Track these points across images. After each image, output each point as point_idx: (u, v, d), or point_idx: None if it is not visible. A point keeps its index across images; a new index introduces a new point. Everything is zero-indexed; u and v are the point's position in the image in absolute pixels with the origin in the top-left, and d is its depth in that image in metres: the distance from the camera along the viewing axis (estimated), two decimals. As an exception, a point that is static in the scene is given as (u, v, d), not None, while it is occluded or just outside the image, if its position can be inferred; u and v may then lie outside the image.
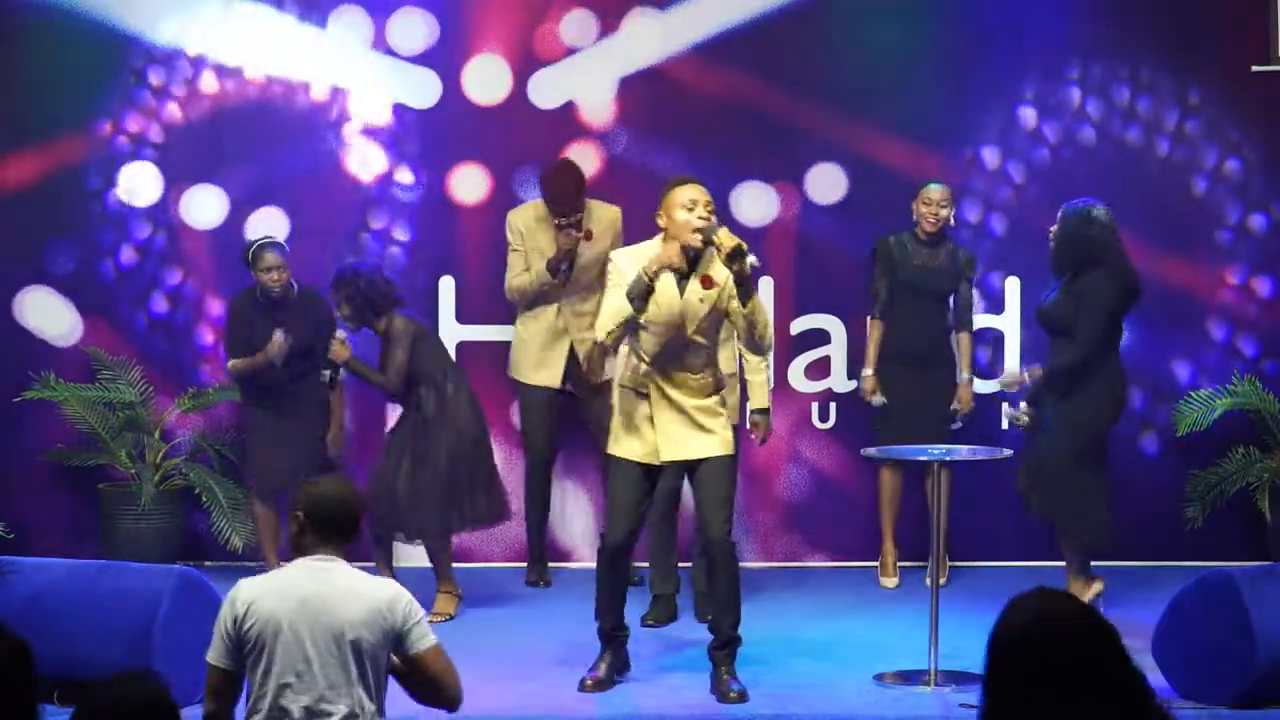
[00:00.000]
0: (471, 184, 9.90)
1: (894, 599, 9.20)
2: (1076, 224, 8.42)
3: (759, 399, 8.26)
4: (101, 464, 9.71)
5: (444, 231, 9.93)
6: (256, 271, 8.97)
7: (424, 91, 9.86)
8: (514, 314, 9.65)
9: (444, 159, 9.90)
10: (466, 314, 9.86)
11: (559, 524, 9.83)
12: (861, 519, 9.73)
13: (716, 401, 7.36)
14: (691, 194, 7.17)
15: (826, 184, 9.89)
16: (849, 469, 9.85)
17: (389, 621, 5.03)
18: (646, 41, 9.84)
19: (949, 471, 8.52)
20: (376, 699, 5.06)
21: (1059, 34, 9.86)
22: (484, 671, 7.55)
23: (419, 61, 9.85)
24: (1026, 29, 9.83)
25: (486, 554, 9.85)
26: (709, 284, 7.20)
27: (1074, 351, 8.32)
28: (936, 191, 9.30)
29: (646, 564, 8.81)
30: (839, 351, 9.85)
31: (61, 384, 9.61)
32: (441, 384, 8.70)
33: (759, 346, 7.41)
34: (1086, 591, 8.29)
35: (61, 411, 9.66)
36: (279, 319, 8.97)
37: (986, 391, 9.60)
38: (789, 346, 9.78)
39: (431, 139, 9.89)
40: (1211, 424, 9.63)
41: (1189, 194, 9.94)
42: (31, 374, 9.67)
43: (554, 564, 9.66)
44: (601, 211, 9.31)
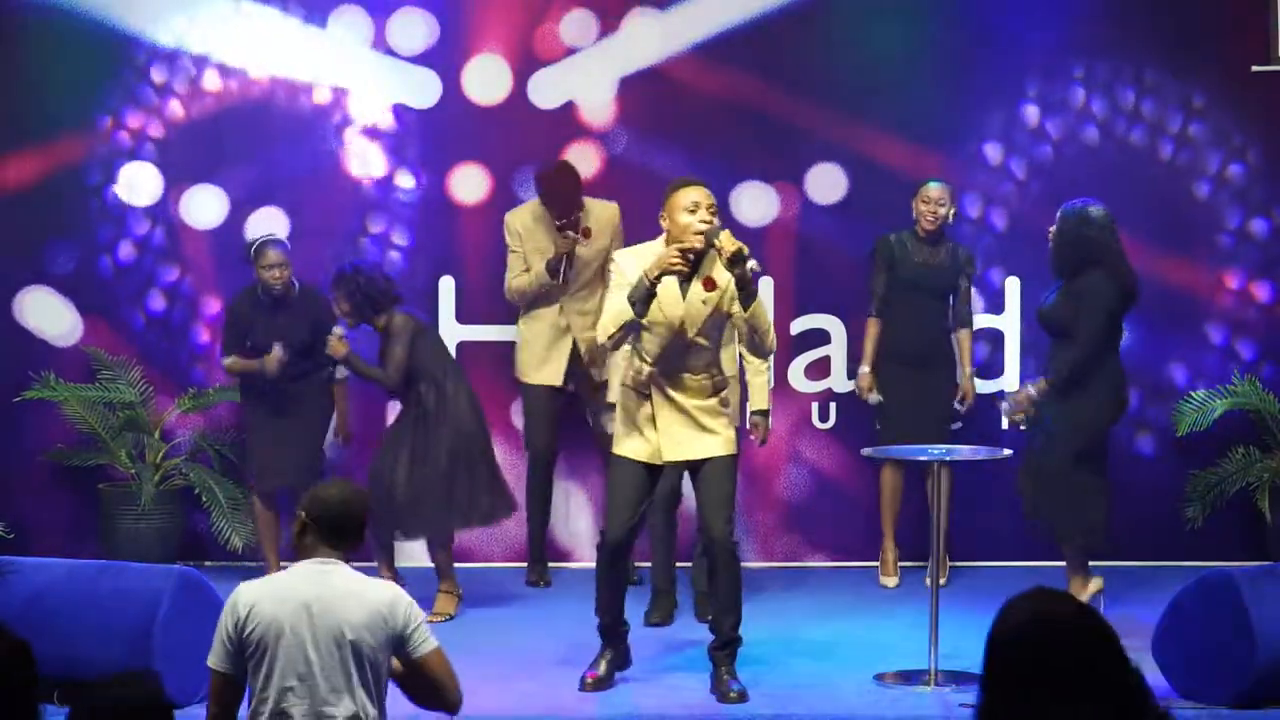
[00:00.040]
0: (471, 184, 9.90)
1: (894, 599, 9.20)
2: (1074, 224, 8.41)
3: (759, 400, 8.27)
4: (101, 464, 9.71)
5: (444, 231, 9.92)
6: (258, 268, 8.97)
7: (424, 91, 9.85)
8: (514, 314, 9.65)
9: (444, 159, 9.90)
10: (466, 314, 9.86)
11: (559, 524, 9.83)
12: (861, 519, 9.73)
13: (718, 402, 7.35)
14: (694, 196, 7.15)
15: (826, 184, 9.89)
16: (849, 469, 9.85)
17: (390, 624, 5.02)
18: (646, 41, 9.84)
19: (949, 471, 8.51)
20: (378, 702, 5.05)
21: (1059, 34, 9.85)
22: (484, 671, 7.55)
23: (419, 61, 9.85)
24: (1026, 29, 9.82)
25: (486, 554, 9.85)
26: (711, 286, 7.19)
27: (1074, 353, 8.32)
28: (935, 189, 9.30)
29: (648, 564, 8.82)
30: (839, 351, 9.85)
31: (61, 384, 9.61)
32: (441, 380, 8.70)
33: (761, 350, 7.41)
34: (1085, 590, 8.29)
35: (61, 411, 9.66)
36: (280, 317, 8.98)
37: (987, 391, 9.61)
38: (789, 346, 9.78)
39: (431, 139, 9.89)
40: (1211, 424, 9.63)
41: (1191, 196, 9.93)
42: (31, 374, 9.67)
43: (554, 564, 9.65)
44: (599, 209, 9.31)
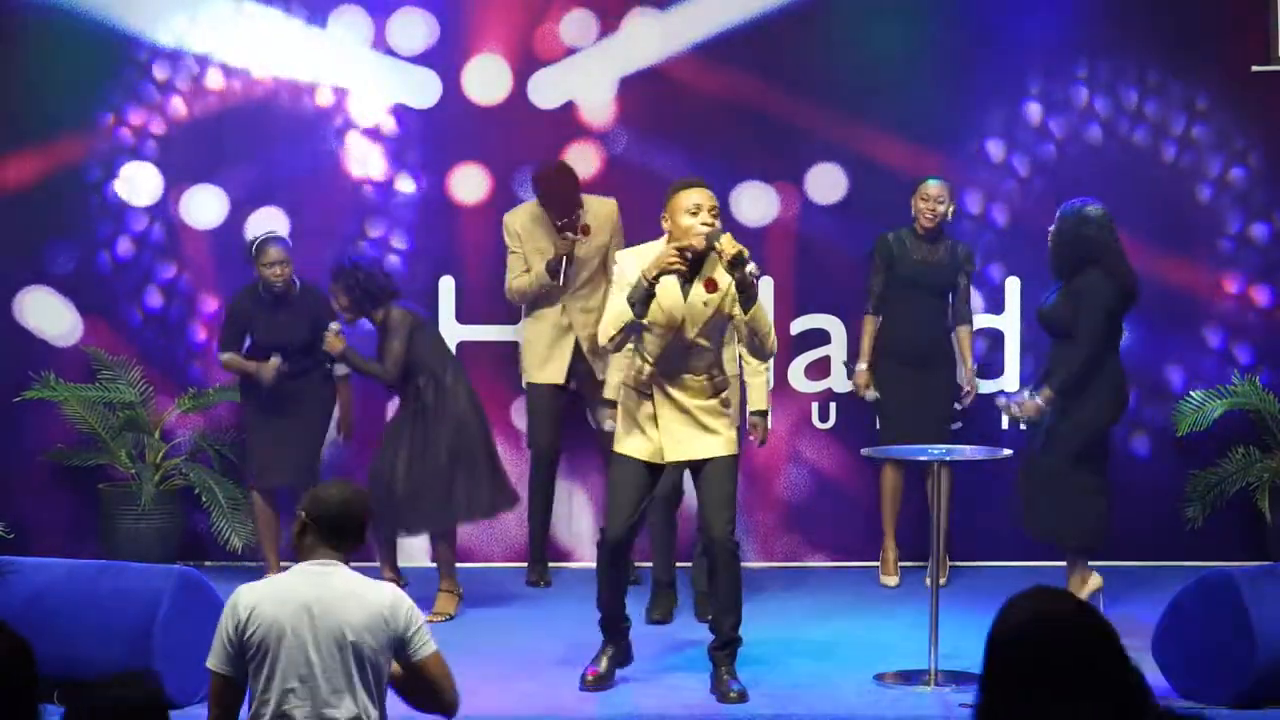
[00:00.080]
0: (471, 184, 9.89)
1: (894, 599, 9.20)
2: (1072, 224, 8.42)
3: (758, 400, 8.26)
4: (101, 464, 9.71)
5: (444, 231, 9.92)
6: (259, 266, 8.96)
7: (424, 91, 9.85)
8: (514, 314, 9.65)
9: (444, 159, 9.90)
10: (466, 314, 9.86)
11: (560, 524, 9.82)
12: (861, 519, 9.73)
13: (719, 402, 7.35)
14: (696, 198, 7.14)
15: (826, 184, 9.89)
16: (849, 469, 9.85)
17: (391, 626, 5.01)
18: (646, 41, 9.84)
19: (949, 471, 8.51)
20: (379, 703, 5.04)
21: (1059, 34, 9.84)
22: (484, 671, 7.55)
23: (419, 61, 9.85)
24: (1026, 29, 9.82)
25: (486, 554, 9.85)
26: (712, 287, 7.19)
27: (1076, 356, 8.31)
28: (934, 187, 9.30)
29: (649, 564, 8.82)
30: (839, 351, 9.85)
31: (61, 384, 9.61)
32: (440, 375, 8.68)
33: (762, 353, 7.40)
34: (1085, 590, 8.29)
35: (61, 411, 9.65)
36: (281, 314, 8.98)
37: (987, 391, 9.61)
38: (789, 346, 9.77)
39: (431, 139, 9.88)
40: (1212, 424, 9.63)
41: (1193, 199, 9.93)
42: (31, 374, 9.66)
43: (554, 564, 9.65)
44: (597, 205, 9.31)
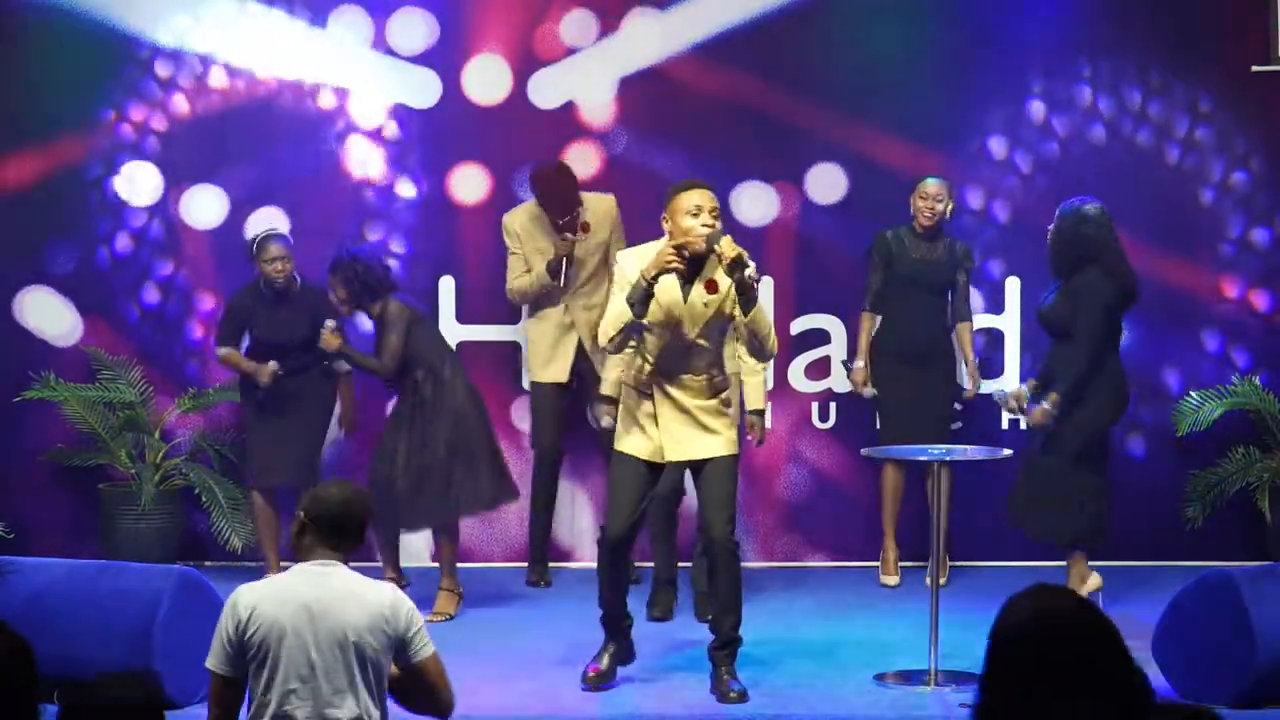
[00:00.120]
0: (471, 184, 9.89)
1: (894, 599, 9.20)
2: (1070, 223, 8.42)
3: (755, 400, 8.25)
4: (101, 464, 9.71)
5: (444, 231, 9.92)
6: (260, 262, 8.97)
7: (424, 91, 9.85)
8: (515, 314, 9.66)
9: (444, 159, 9.90)
10: (466, 314, 9.86)
11: (560, 524, 9.81)
12: (861, 519, 9.72)
13: (720, 402, 7.34)
14: (697, 199, 7.12)
15: (826, 184, 9.89)
16: (849, 469, 9.85)
17: (393, 627, 5.01)
18: (646, 41, 9.84)
19: (949, 471, 8.51)
20: (380, 704, 5.03)
21: (1059, 33, 9.84)
22: (484, 671, 7.56)
23: (419, 61, 9.85)
24: (1026, 29, 9.81)
25: (486, 554, 9.85)
26: (712, 289, 7.18)
27: (1077, 356, 8.31)
28: (933, 186, 9.30)
29: (649, 564, 8.82)
30: (839, 351, 9.84)
31: (61, 384, 9.61)
32: (438, 368, 8.65)
33: (762, 354, 7.38)
34: (1084, 589, 8.29)
35: (61, 411, 9.65)
36: (281, 311, 8.98)
37: (988, 391, 9.60)
38: (789, 346, 9.77)
39: (431, 139, 9.88)
40: (1212, 424, 9.62)
41: (1195, 202, 9.92)
42: (31, 374, 9.66)
43: (554, 564, 9.65)
44: (596, 202, 9.31)
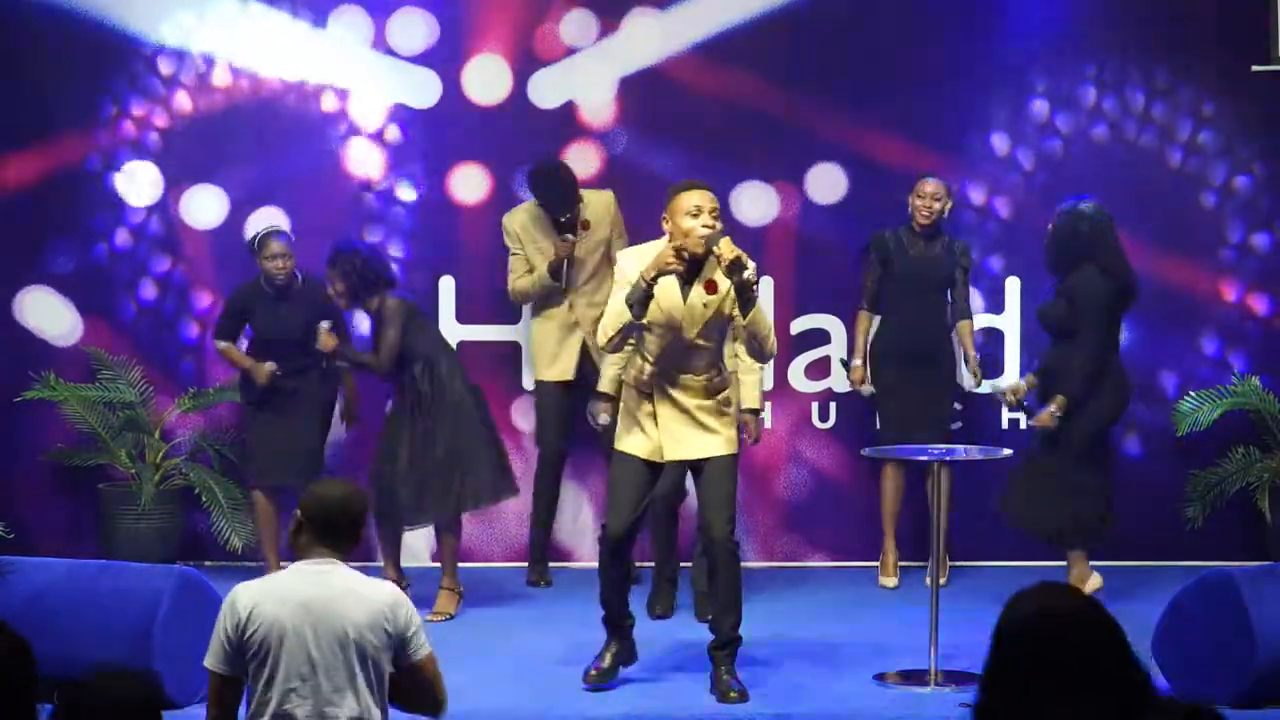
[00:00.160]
0: (471, 184, 9.89)
1: (894, 599, 9.20)
2: (1067, 221, 8.44)
3: (750, 399, 8.24)
4: (101, 464, 9.71)
5: (444, 231, 9.92)
6: (261, 259, 8.97)
7: (424, 91, 9.85)
8: (515, 313, 9.66)
9: (444, 159, 9.90)
10: (466, 314, 9.86)
11: (560, 524, 9.80)
12: (861, 519, 9.72)
13: (719, 402, 7.34)
14: (697, 200, 7.11)
15: (826, 184, 9.89)
16: (849, 469, 9.85)
17: (393, 625, 5.00)
18: (646, 41, 9.84)
19: (949, 471, 8.51)
20: (380, 702, 5.03)
21: (1060, 33, 9.84)
22: (484, 671, 7.55)
23: (419, 61, 9.85)
24: (1026, 28, 9.81)
25: (486, 554, 9.84)
26: (712, 289, 7.17)
27: (1081, 359, 8.32)
28: (931, 185, 9.29)
29: (650, 564, 8.82)
30: (839, 351, 9.84)
31: (61, 384, 9.61)
32: (435, 363, 8.63)
33: (761, 355, 7.37)
34: (1085, 589, 8.29)
35: (61, 411, 9.66)
36: (282, 308, 8.98)
37: (988, 392, 9.60)
38: (789, 346, 9.77)
39: (431, 139, 9.88)
40: (1212, 424, 9.62)
41: (1197, 204, 9.91)
42: (31, 374, 9.66)
43: (555, 564, 9.65)
44: (595, 199, 9.31)
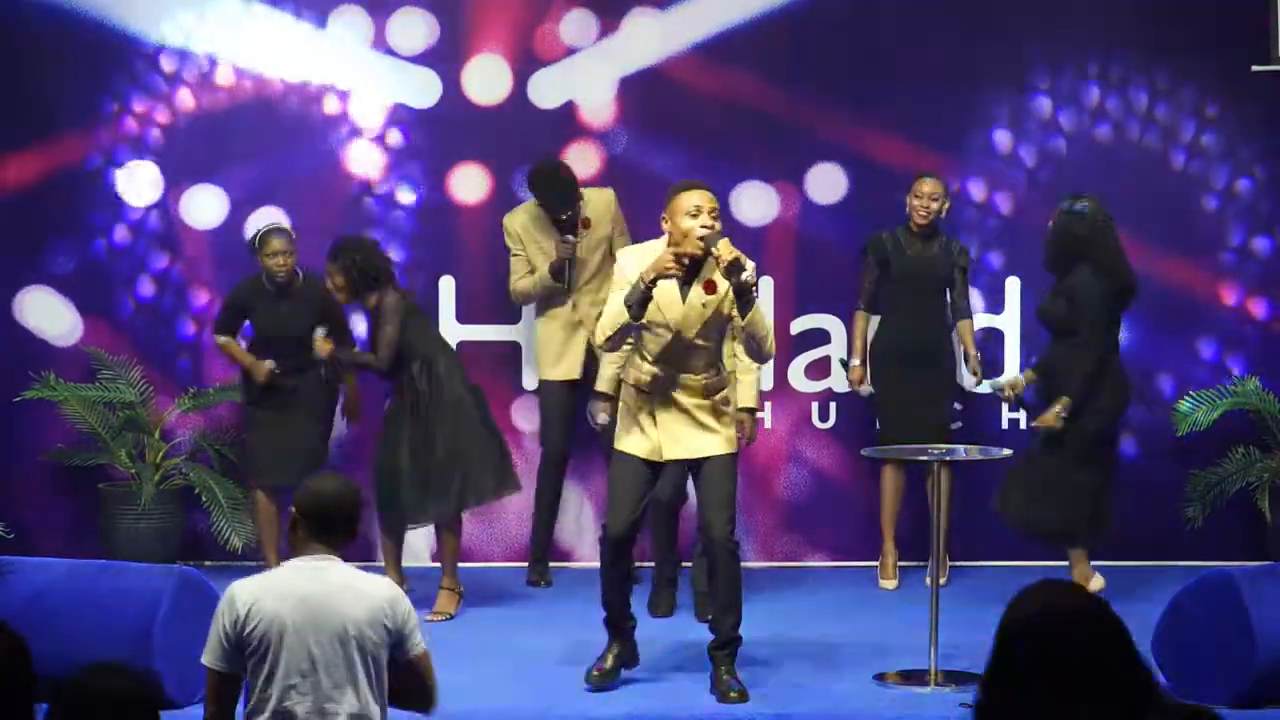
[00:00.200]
0: (471, 184, 9.89)
1: (894, 599, 9.20)
2: (1064, 220, 8.44)
3: (747, 399, 8.24)
4: (101, 464, 9.71)
5: (444, 231, 9.92)
6: (262, 256, 8.97)
7: (424, 91, 9.85)
8: (515, 314, 9.66)
9: (444, 159, 9.90)
10: (466, 314, 9.86)
11: (561, 524, 9.80)
12: (861, 519, 9.72)
13: (719, 401, 7.34)
14: (696, 200, 7.10)
15: (826, 184, 9.89)
16: (849, 469, 9.85)
17: (392, 620, 4.99)
18: (646, 41, 9.84)
19: (949, 471, 8.51)
20: (380, 698, 5.03)
21: (1058, 33, 9.83)
22: (484, 671, 7.56)
23: (419, 61, 9.85)
24: (1026, 28, 9.82)
25: (487, 554, 9.84)
26: (711, 290, 7.17)
27: (1082, 359, 8.32)
28: (929, 184, 9.29)
29: (650, 564, 8.82)
30: (839, 351, 9.83)
31: (61, 384, 9.61)
32: (434, 361, 8.62)
33: (760, 356, 7.37)
34: (1085, 588, 8.29)
35: (61, 411, 9.65)
36: (283, 305, 8.98)
37: (987, 392, 9.60)
38: (789, 346, 9.77)
39: (431, 139, 9.89)
40: (1211, 424, 9.62)
41: (1198, 206, 9.90)
42: (31, 374, 9.66)
43: (555, 564, 9.64)
44: (595, 197, 9.30)
